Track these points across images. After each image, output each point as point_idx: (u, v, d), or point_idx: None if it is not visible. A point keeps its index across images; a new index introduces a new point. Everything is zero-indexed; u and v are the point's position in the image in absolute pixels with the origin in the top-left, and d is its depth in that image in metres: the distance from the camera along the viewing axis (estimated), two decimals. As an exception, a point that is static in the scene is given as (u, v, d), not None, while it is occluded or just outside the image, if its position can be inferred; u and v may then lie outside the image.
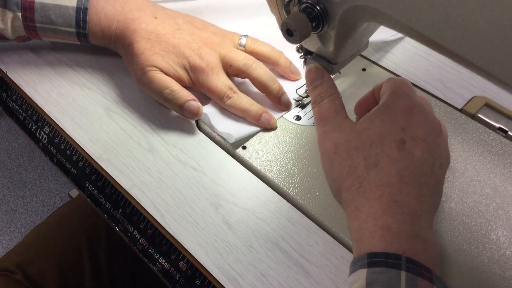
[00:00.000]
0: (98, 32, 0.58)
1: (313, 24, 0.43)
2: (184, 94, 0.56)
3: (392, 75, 0.62)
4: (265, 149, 0.56)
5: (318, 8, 0.42)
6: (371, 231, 0.39)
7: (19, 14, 0.56)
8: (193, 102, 0.56)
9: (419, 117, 0.42)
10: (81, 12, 0.57)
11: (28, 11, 0.56)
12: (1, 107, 0.66)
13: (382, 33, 0.56)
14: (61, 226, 0.81)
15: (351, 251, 0.48)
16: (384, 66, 0.64)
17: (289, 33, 0.42)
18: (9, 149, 1.71)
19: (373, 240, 0.38)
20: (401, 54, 0.65)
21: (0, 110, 0.67)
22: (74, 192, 1.50)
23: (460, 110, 0.59)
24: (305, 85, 0.60)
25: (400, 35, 0.66)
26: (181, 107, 0.56)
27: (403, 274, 0.36)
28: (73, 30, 0.58)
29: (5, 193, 1.60)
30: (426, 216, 0.40)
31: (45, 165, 1.65)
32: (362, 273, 0.37)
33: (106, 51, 0.63)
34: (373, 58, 0.65)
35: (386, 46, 0.66)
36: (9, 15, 0.56)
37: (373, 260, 0.37)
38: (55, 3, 0.56)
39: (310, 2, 0.42)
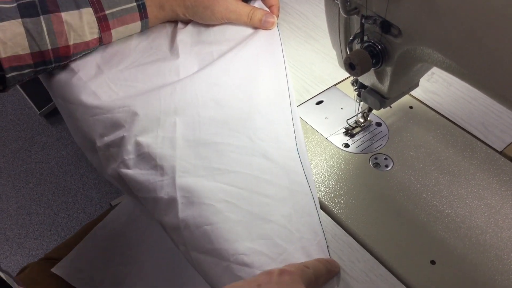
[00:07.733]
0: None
1: (374, 60, 0.48)
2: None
3: (436, 115, 0.67)
4: (314, 170, 0.61)
5: (380, 47, 0.47)
6: None
7: (91, 9, 0.63)
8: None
9: None
10: None
11: (96, 3, 0.64)
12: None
13: None
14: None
15: (389, 270, 0.52)
16: (429, 105, 0.68)
17: (351, 67, 0.48)
18: (57, 156, 1.81)
19: None
20: (446, 96, 0.70)
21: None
22: (116, 201, 1.56)
23: (500, 153, 0.63)
24: (355, 116, 0.65)
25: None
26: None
27: None
28: (134, 4, 0.66)
29: (50, 197, 1.68)
30: None
31: (89, 175, 1.73)
32: None
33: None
34: (420, 97, 0.69)
35: (432, 87, 0.71)
36: (83, 11, 0.63)
37: None
38: None
39: (372, 41, 0.48)
